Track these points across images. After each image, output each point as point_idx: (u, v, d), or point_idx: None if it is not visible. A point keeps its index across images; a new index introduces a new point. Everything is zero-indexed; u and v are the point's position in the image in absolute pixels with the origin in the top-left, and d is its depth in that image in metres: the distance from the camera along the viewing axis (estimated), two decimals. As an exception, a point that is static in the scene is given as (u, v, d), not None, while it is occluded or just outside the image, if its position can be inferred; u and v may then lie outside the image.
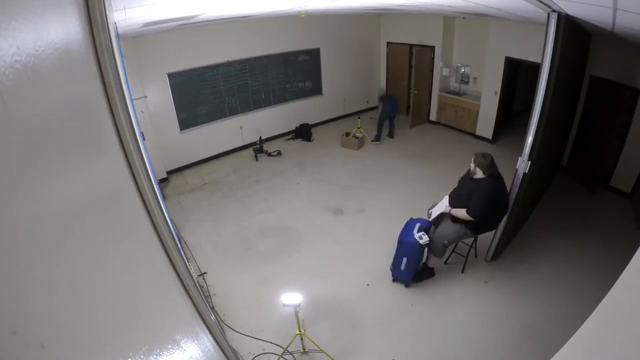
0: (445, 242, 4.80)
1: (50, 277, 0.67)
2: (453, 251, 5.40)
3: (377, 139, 9.96)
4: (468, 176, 4.75)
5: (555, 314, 4.55)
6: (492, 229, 4.98)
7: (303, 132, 10.40)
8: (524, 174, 4.60)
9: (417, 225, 4.98)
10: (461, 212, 4.64)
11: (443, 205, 4.88)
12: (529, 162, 4.51)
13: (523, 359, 4.07)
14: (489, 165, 4.50)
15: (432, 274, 5.23)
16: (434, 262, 5.10)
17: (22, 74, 0.66)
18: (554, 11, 3.80)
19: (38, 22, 0.79)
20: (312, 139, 10.37)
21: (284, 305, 3.69)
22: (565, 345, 1.30)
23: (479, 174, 4.56)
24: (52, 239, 0.73)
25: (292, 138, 10.52)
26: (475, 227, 4.75)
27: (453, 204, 4.86)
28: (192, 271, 2.49)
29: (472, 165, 4.60)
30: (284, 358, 4.22)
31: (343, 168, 8.57)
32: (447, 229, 4.86)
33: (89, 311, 0.83)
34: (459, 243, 5.34)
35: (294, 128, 10.66)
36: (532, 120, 4.35)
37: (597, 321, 1.18)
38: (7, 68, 0.60)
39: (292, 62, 10.19)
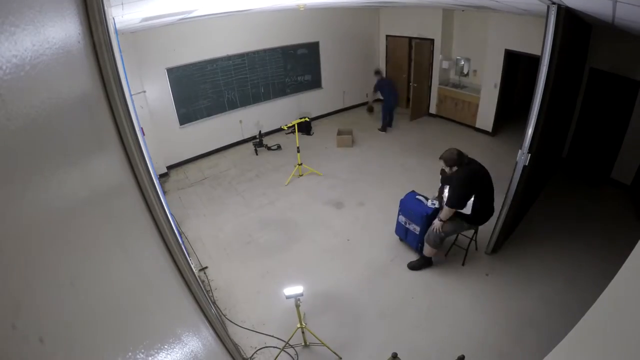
0: (442, 234, 4.83)
1: (50, 271, 0.67)
2: (453, 244, 5.40)
3: (384, 128, 10.27)
4: (446, 176, 4.87)
5: (556, 305, 4.57)
6: (487, 218, 4.97)
7: (303, 126, 10.38)
8: (524, 166, 4.60)
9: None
10: (444, 212, 4.76)
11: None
12: (529, 154, 4.50)
13: (525, 350, 4.08)
14: (459, 157, 4.59)
15: (430, 263, 5.27)
16: (431, 252, 5.11)
17: (20, 69, 0.65)
18: (553, 3, 3.78)
19: (35, 17, 0.79)
20: (312, 133, 10.36)
21: (287, 297, 3.70)
22: (567, 336, 1.31)
23: (455, 168, 4.65)
24: (52, 234, 0.73)
25: (292, 132, 10.51)
26: (469, 219, 4.78)
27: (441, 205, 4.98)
28: (193, 266, 2.50)
29: (447, 169, 4.71)
30: (285, 352, 4.23)
31: (343, 161, 8.56)
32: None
33: (89, 306, 0.83)
34: (460, 236, 5.34)
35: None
36: (532, 113, 4.34)
37: (599, 312, 1.19)
38: (5, 63, 0.60)
39: (291, 56, 10.16)
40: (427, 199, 5.34)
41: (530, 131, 4.41)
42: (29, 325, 0.55)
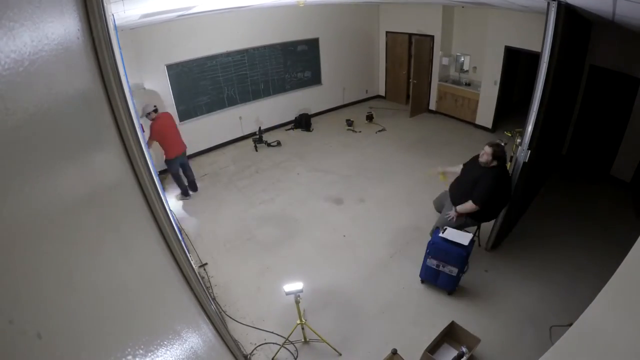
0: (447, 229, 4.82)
1: (48, 267, 0.67)
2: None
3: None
4: (476, 164, 4.72)
5: (556, 302, 4.58)
6: (493, 218, 4.99)
7: (302, 122, 10.37)
8: (524, 162, 4.60)
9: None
10: (467, 206, 4.67)
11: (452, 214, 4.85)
12: (529, 151, 4.51)
13: (524, 347, 4.10)
14: (504, 156, 4.57)
15: None
16: None
17: (19, 64, 0.65)
18: (553, 0, 3.77)
19: (34, 13, 0.78)
20: (311, 129, 10.35)
21: (287, 294, 3.71)
22: (567, 332, 1.31)
23: (494, 163, 4.56)
24: (51, 230, 0.73)
25: (291, 128, 10.50)
26: (476, 216, 4.77)
27: (453, 192, 4.88)
28: (193, 262, 2.50)
29: (489, 157, 4.51)
30: (285, 348, 4.24)
31: (343, 158, 8.56)
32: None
33: (88, 302, 0.83)
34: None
35: (293, 118, 10.64)
36: (531, 110, 4.34)
37: (598, 309, 1.19)
38: (3, 58, 0.59)
39: (291, 52, 10.13)
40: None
41: (530, 128, 4.42)
42: (27, 320, 0.55)
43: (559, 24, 3.88)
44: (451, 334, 4.16)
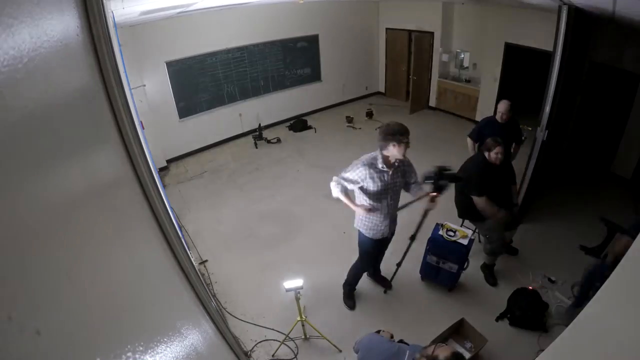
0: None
1: (48, 264, 0.67)
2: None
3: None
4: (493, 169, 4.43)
5: (557, 300, 4.58)
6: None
7: (298, 126, 10.25)
8: (543, 141, 4.87)
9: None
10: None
11: None
12: (547, 131, 4.75)
13: (523, 343, 4.11)
14: None
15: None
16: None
17: (18, 61, 0.65)
18: (564, 4, 3.81)
19: (33, 10, 0.78)
20: (310, 127, 10.34)
21: (287, 290, 3.71)
22: (566, 330, 1.31)
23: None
24: (50, 228, 0.73)
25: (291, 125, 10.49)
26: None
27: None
28: (193, 259, 2.50)
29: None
30: (285, 344, 4.25)
31: (343, 154, 8.53)
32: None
33: (87, 298, 0.83)
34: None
35: (293, 115, 10.63)
36: (548, 91, 4.60)
37: (597, 307, 1.19)
38: (2, 55, 0.59)
39: (291, 49, 10.13)
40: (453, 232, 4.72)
41: (547, 108, 4.69)
42: (26, 317, 0.55)
43: (570, 25, 3.95)
44: (460, 331, 4.17)
